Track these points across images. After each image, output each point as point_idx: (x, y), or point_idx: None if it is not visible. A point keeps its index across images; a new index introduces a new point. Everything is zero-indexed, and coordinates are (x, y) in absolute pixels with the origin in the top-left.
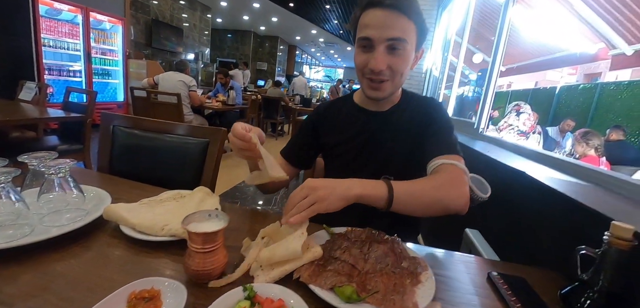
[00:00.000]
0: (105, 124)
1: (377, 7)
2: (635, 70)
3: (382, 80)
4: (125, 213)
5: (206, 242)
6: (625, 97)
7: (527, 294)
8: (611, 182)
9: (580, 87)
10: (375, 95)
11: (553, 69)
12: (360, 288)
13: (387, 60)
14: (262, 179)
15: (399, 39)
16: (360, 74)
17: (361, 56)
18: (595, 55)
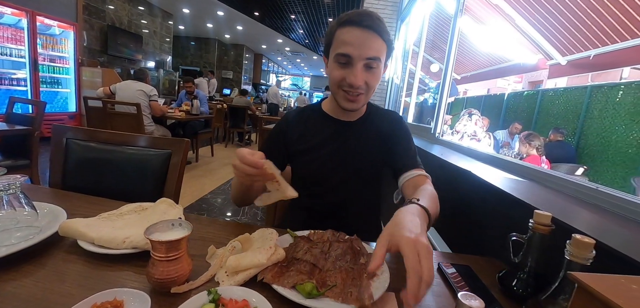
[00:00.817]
0: (58, 137)
1: (356, 26)
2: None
3: (359, 94)
4: (83, 228)
5: (170, 250)
6: (562, 102)
7: (471, 279)
8: (543, 177)
9: (524, 93)
10: (351, 107)
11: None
12: (320, 284)
13: (364, 77)
14: (275, 199)
15: (375, 58)
16: (336, 87)
17: (339, 71)
18: (536, 65)
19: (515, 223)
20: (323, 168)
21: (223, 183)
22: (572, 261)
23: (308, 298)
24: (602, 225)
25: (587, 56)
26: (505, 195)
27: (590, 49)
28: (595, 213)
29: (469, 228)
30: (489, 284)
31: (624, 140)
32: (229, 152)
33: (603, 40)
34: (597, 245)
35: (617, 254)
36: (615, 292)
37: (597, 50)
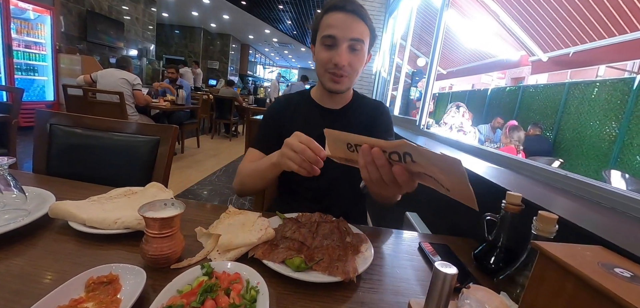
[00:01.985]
0: (41, 123)
1: (340, 11)
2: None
3: (343, 75)
4: (73, 210)
5: (163, 227)
6: (542, 98)
7: (448, 256)
8: (517, 165)
9: (506, 89)
10: (336, 88)
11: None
12: (308, 259)
13: (348, 58)
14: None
15: (358, 40)
16: (323, 70)
17: (325, 53)
18: (518, 61)
19: (490, 206)
20: None
21: (209, 174)
22: (538, 235)
23: (297, 272)
24: (565, 204)
25: (567, 53)
26: (481, 179)
27: (570, 46)
28: (560, 196)
29: (448, 212)
30: (465, 261)
31: (598, 135)
32: (215, 144)
33: (582, 38)
34: (560, 221)
35: (577, 228)
36: (571, 257)
37: (576, 47)
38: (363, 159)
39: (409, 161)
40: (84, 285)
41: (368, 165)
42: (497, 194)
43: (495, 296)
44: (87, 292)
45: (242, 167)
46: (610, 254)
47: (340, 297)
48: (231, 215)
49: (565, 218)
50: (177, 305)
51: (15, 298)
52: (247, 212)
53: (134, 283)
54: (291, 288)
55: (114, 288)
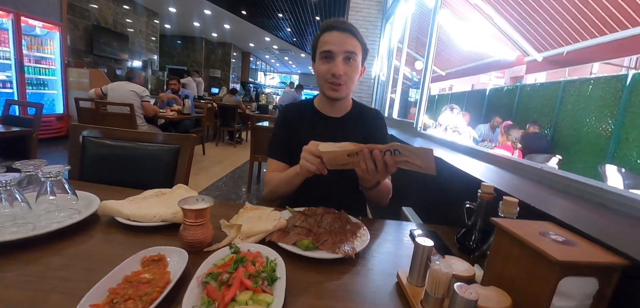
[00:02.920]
0: (75, 135)
1: (335, 30)
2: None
3: (340, 84)
4: (118, 207)
5: (198, 217)
6: (539, 97)
7: (435, 240)
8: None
9: (505, 89)
10: (335, 94)
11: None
12: (314, 241)
13: (344, 68)
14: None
15: (352, 52)
16: (323, 80)
17: (324, 65)
18: (514, 61)
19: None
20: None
21: (216, 180)
22: (504, 216)
23: (306, 251)
24: (529, 190)
25: (561, 53)
26: (463, 174)
27: (563, 46)
28: (530, 185)
29: (439, 205)
30: (449, 244)
31: (594, 132)
32: (220, 151)
33: (575, 37)
34: (521, 204)
35: (533, 209)
36: (518, 228)
37: (569, 46)
38: (364, 161)
39: (397, 154)
40: (140, 261)
41: (368, 163)
42: (476, 185)
43: (463, 262)
44: (143, 267)
45: (270, 178)
46: (555, 227)
47: (341, 270)
48: (248, 210)
49: (524, 201)
50: (215, 272)
51: (89, 274)
52: (262, 207)
53: (179, 260)
54: (301, 264)
55: (163, 264)
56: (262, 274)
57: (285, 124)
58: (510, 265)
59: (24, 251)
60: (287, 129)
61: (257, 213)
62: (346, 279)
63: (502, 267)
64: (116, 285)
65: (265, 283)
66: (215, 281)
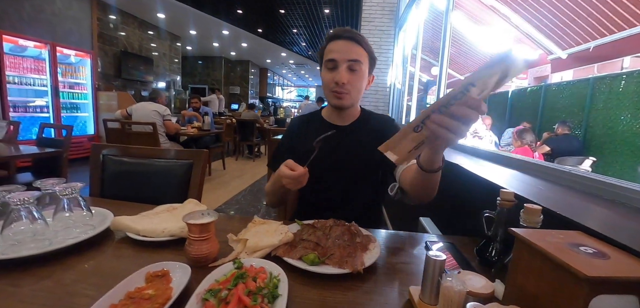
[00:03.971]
0: (95, 154)
1: (340, 39)
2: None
3: (344, 92)
4: (130, 223)
5: (202, 232)
6: (566, 96)
7: (453, 253)
8: (527, 166)
9: (528, 89)
10: (339, 103)
11: None
12: (321, 255)
13: (347, 77)
14: None
15: (356, 61)
16: (327, 90)
17: (328, 74)
18: (537, 60)
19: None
20: (322, 167)
21: (236, 194)
22: (526, 226)
23: (311, 266)
24: (556, 196)
25: (587, 48)
26: (482, 180)
27: (589, 41)
28: (558, 191)
29: (458, 215)
30: (468, 256)
31: (630, 130)
32: (239, 165)
33: (601, 31)
34: (545, 211)
35: (560, 217)
36: (540, 239)
37: (596, 41)
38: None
39: (471, 89)
40: (144, 277)
41: (444, 122)
42: (496, 193)
43: (480, 277)
44: (147, 282)
45: (266, 187)
46: (586, 237)
47: (348, 286)
48: (257, 225)
49: (549, 208)
50: (215, 289)
51: (96, 288)
52: (270, 221)
53: (182, 275)
54: (306, 280)
55: (167, 280)
56: (262, 291)
57: (290, 136)
58: (532, 281)
59: (39, 266)
60: (291, 141)
61: (265, 228)
62: (353, 296)
63: (524, 283)
64: (118, 301)
65: (266, 301)
66: (215, 298)
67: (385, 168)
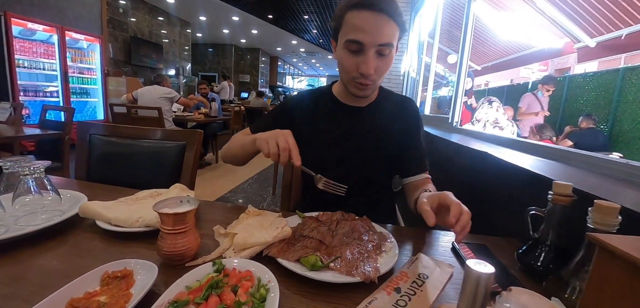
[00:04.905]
0: (82, 134)
1: (368, 9)
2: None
3: (368, 84)
4: (100, 209)
5: (177, 223)
6: (592, 88)
7: (487, 257)
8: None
9: None
10: (362, 94)
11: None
12: (326, 256)
13: (376, 64)
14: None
15: (387, 44)
16: (347, 77)
17: (350, 59)
18: (562, 49)
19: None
20: (331, 153)
21: (242, 182)
22: (595, 229)
23: (312, 271)
24: (628, 194)
25: (619, 36)
26: (522, 171)
27: (621, 28)
28: (620, 186)
29: (486, 210)
30: (507, 262)
31: None
32: None
33: (635, 17)
34: (623, 211)
35: None
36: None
37: (629, 29)
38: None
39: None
40: (100, 279)
41: None
42: (542, 186)
43: (543, 301)
44: (102, 286)
45: (233, 139)
46: None
47: (358, 298)
48: (250, 216)
49: (630, 208)
50: (182, 301)
51: (39, 291)
52: (266, 212)
53: (146, 278)
54: (306, 289)
55: (127, 283)
56: (242, 307)
57: (286, 113)
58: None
59: None
60: (287, 118)
61: (259, 220)
62: None
63: None
64: None
65: None
66: None
67: (402, 159)
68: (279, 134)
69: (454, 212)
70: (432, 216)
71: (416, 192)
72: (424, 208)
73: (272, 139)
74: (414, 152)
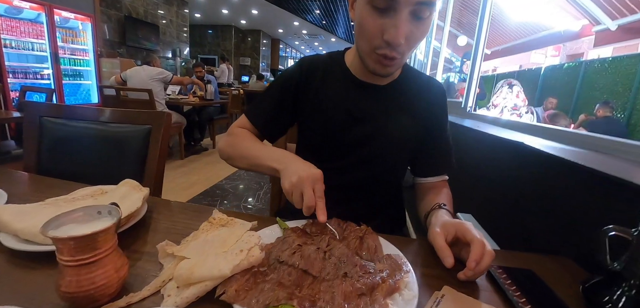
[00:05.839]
0: (30, 116)
1: None
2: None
3: (395, 57)
4: (7, 217)
5: (80, 251)
6: (610, 74)
7: (537, 290)
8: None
9: (565, 66)
10: (385, 71)
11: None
12: (308, 305)
13: (408, 30)
14: None
15: (428, 3)
16: (368, 45)
17: (375, 21)
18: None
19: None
20: (339, 138)
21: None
22: None
23: None
24: None
25: None
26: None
27: None
28: None
29: (519, 216)
30: (565, 296)
31: None
32: None
33: None
34: None
35: None
36: None
37: None
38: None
39: None
40: None
41: None
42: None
43: None
44: None
45: (237, 138)
46: None
47: None
48: (213, 227)
49: None
50: None
51: None
52: (235, 220)
53: None
54: None
55: None
56: None
57: (293, 80)
58: None
59: None
60: (293, 86)
61: (222, 234)
62: None
63: None
64: None
65: None
66: None
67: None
68: (306, 183)
69: (475, 254)
70: (451, 256)
71: (430, 195)
72: (439, 243)
73: (298, 188)
74: (439, 148)
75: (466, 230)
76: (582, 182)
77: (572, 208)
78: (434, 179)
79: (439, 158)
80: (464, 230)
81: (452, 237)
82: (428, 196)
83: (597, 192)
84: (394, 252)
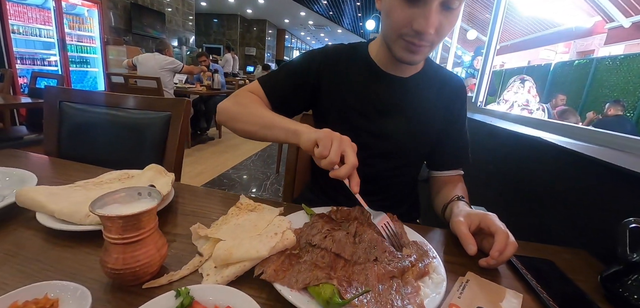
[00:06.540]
0: (51, 101)
1: None
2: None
3: (424, 46)
4: (42, 198)
5: (126, 230)
6: (622, 72)
7: (558, 280)
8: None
9: (575, 63)
10: (412, 59)
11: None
12: (345, 284)
13: (438, 21)
14: None
15: None
16: (395, 33)
17: (404, 11)
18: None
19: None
20: (359, 129)
21: (245, 158)
22: None
23: None
24: None
25: None
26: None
27: None
28: None
29: (533, 210)
30: (584, 285)
31: None
32: None
33: None
34: None
35: None
36: None
37: None
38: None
39: None
40: None
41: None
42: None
43: None
44: None
45: (248, 99)
46: None
47: None
48: (242, 212)
49: None
50: None
51: None
52: (262, 206)
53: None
54: None
55: None
56: None
57: (314, 67)
58: None
59: None
60: (314, 74)
61: (253, 219)
62: None
63: None
64: None
65: None
66: None
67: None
68: (338, 137)
69: (499, 244)
70: (474, 244)
71: (446, 188)
72: (462, 231)
73: (328, 138)
74: (457, 142)
75: (491, 221)
76: (598, 177)
77: (588, 202)
78: (450, 173)
79: (457, 153)
80: (489, 221)
81: (476, 226)
82: (444, 189)
83: (613, 186)
84: (419, 239)
